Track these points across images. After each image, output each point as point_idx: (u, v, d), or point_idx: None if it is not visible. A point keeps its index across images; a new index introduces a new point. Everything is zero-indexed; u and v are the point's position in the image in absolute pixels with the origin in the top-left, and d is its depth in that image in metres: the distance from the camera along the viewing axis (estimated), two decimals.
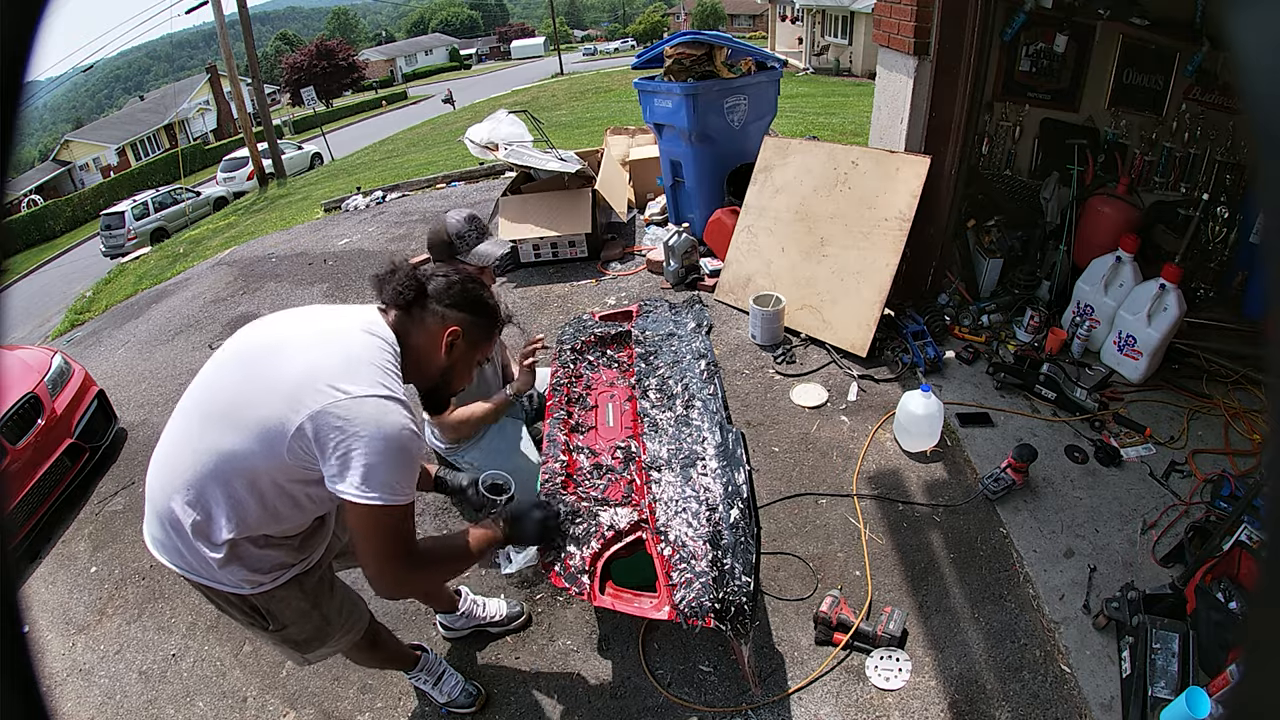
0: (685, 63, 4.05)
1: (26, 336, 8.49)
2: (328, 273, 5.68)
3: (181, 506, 1.23)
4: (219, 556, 1.26)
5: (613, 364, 2.41)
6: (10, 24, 0.36)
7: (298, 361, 1.20)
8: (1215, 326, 2.93)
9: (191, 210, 15.68)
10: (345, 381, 1.15)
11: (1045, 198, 3.39)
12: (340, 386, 1.14)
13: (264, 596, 1.36)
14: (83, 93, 72.61)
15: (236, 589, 1.32)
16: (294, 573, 1.40)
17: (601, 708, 1.95)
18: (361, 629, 1.64)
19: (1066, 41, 3.21)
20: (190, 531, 1.24)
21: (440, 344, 1.37)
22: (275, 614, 1.41)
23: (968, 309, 3.38)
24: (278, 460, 1.18)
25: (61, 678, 2.43)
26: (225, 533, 1.23)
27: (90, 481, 3.56)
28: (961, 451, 2.68)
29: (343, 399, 1.14)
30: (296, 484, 1.24)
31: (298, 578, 1.41)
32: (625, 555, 1.73)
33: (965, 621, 2.03)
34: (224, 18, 14.50)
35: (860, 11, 18.66)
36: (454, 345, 1.38)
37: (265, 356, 1.25)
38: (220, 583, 1.31)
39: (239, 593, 1.33)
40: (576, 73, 30.18)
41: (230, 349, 1.32)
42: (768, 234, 3.71)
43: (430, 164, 10.70)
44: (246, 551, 1.29)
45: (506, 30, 71.03)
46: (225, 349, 1.33)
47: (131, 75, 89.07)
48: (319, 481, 1.19)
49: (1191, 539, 2.06)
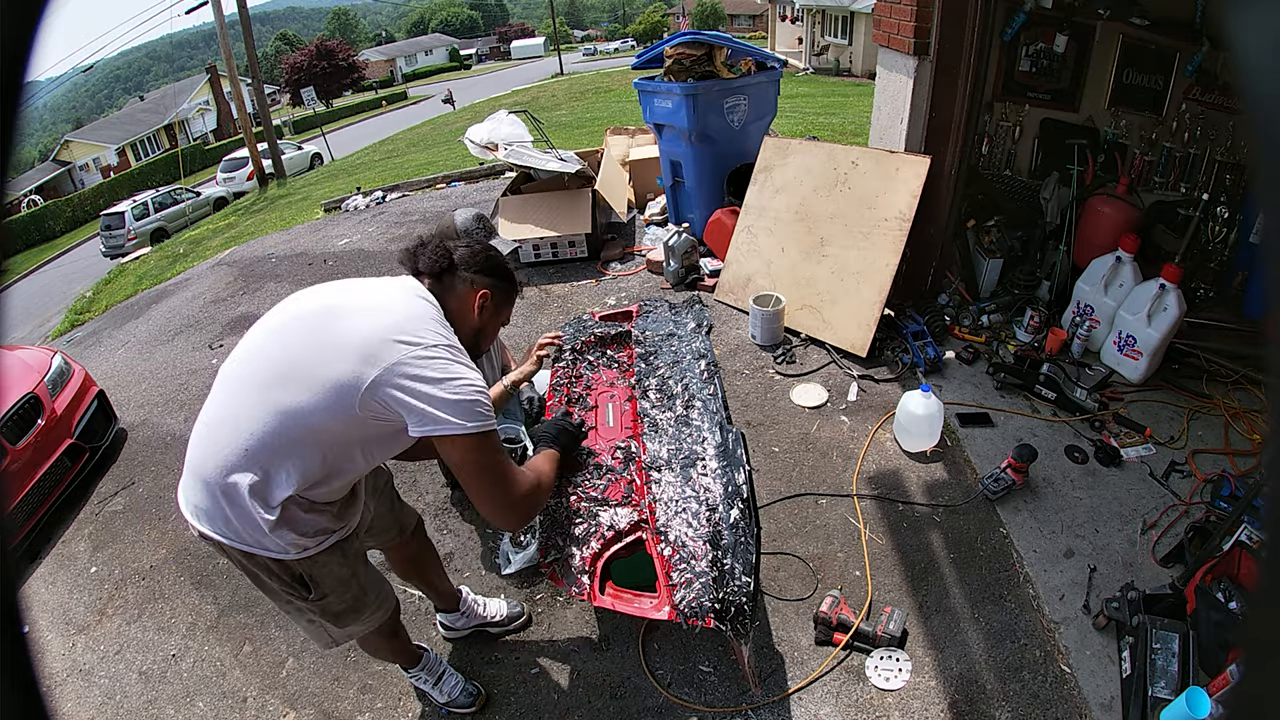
0: (685, 63, 4.05)
1: (26, 336, 8.50)
2: (328, 273, 5.68)
3: (239, 469, 1.27)
4: (272, 519, 1.29)
5: (613, 364, 2.41)
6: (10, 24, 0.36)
7: (361, 322, 1.28)
8: (1215, 326, 2.93)
9: (191, 210, 15.68)
10: (414, 336, 1.26)
11: (1045, 198, 3.39)
12: (410, 340, 1.25)
13: (308, 562, 1.40)
14: (83, 93, 72.64)
15: (283, 554, 1.36)
16: (336, 538, 1.45)
17: (601, 708, 1.94)
18: (389, 609, 1.69)
19: (1066, 41, 3.21)
20: (247, 493, 1.27)
21: (472, 306, 1.50)
22: (318, 580, 1.45)
23: (968, 309, 3.38)
24: (348, 414, 1.25)
25: (61, 678, 2.43)
26: (285, 489, 1.28)
27: (90, 482, 3.56)
28: (961, 451, 2.68)
29: (418, 352, 1.25)
30: (357, 439, 1.33)
31: (339, 544, 1.46)
32: (625, 555, 1.73)
33: (965, 622, 2.03)
34: (224, 18, 14.51)
35: (860, 11, 18.67)
36: (484, 307, 1.51)
37: (325, 320, 1.32)
38: (267, 549, 1.34)
39: (284, 558, 1.37)
40: (576, 73, 30.19)
41: (281, 317, 1.39)
42: (768, 234, 3.71)
43: (430, 164, 10.70)
44: (295, 515, 1.33)
45: (506, 30, 71.04)
46: (274, 318, 1.39)
47: (131, 75, 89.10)
48: (378, 438, 1.34)
49: (1191, 539, 2.06)
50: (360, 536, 1.61)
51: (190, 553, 2.90)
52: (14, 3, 0.37)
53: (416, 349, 1.25)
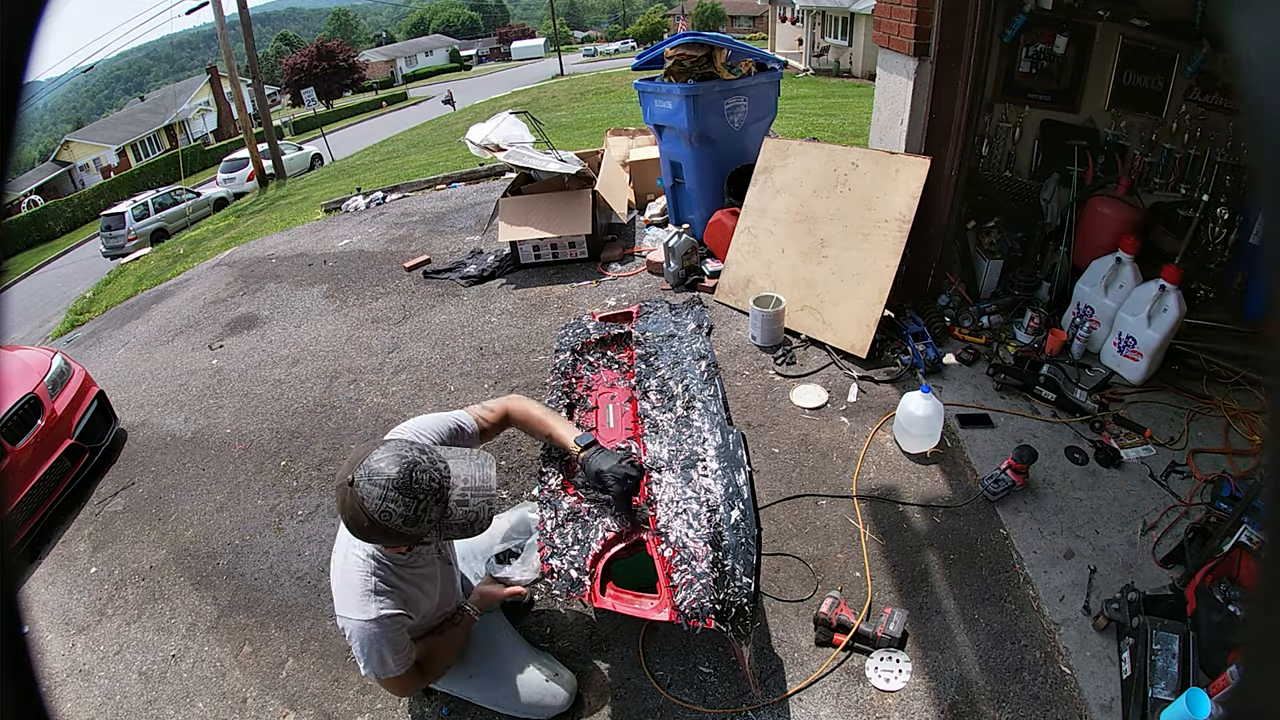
0: (685, 64, 4.06)
1: (26, 337, 8.50)
2: (328, 273, 5.68)
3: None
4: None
5: (613, 365, 2.41)
6: (10, 24, 0.36)
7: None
8: (1215, 327, 2.93)
9: (192, 211, 15.68)
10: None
11: (1045, 199, 3.39)
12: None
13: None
14: (83, 93, 72.63)
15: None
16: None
17: (601, 708, 1.94)
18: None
19: (1066, 42, 3.21)
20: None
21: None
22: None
23: (968, 310, 3.37)
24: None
25: (61, 678, 2.43)
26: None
27: (90, 482, 3.56)
28: (961, 453, 2.68)
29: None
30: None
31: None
32: (626, 556, 1.73)
33: (965, 623, 2.03)
34: (224, 18, 14.51)
35: (860, 13, 18.67)
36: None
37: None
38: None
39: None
40: (576, 74, 30.21)
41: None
42: (768, 235, 3.71)
43: (431, 165, 10.71)
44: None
45: (507, 31, 71.04)
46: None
47: (132, 76, 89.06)
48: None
49: (1192, 540, 2.06)
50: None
51: (190, 553, 2.90)
52: (14, 3, 0.37)
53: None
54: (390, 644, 1.51)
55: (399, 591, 1.53)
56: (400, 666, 1.56)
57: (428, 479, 1.36)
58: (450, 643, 1.77)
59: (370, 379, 3.88)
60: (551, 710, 1.84)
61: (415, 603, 1.58)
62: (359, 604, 1.49)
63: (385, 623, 1.49)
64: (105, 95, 76.99)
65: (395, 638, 1.52)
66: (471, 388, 3.60)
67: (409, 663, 1.58)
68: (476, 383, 3.63)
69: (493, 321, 4.24)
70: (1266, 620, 0.33)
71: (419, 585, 1.59)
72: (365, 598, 1.49)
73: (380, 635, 1.49)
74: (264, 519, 2.99)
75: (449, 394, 3.59)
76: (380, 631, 1.49)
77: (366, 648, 1.50)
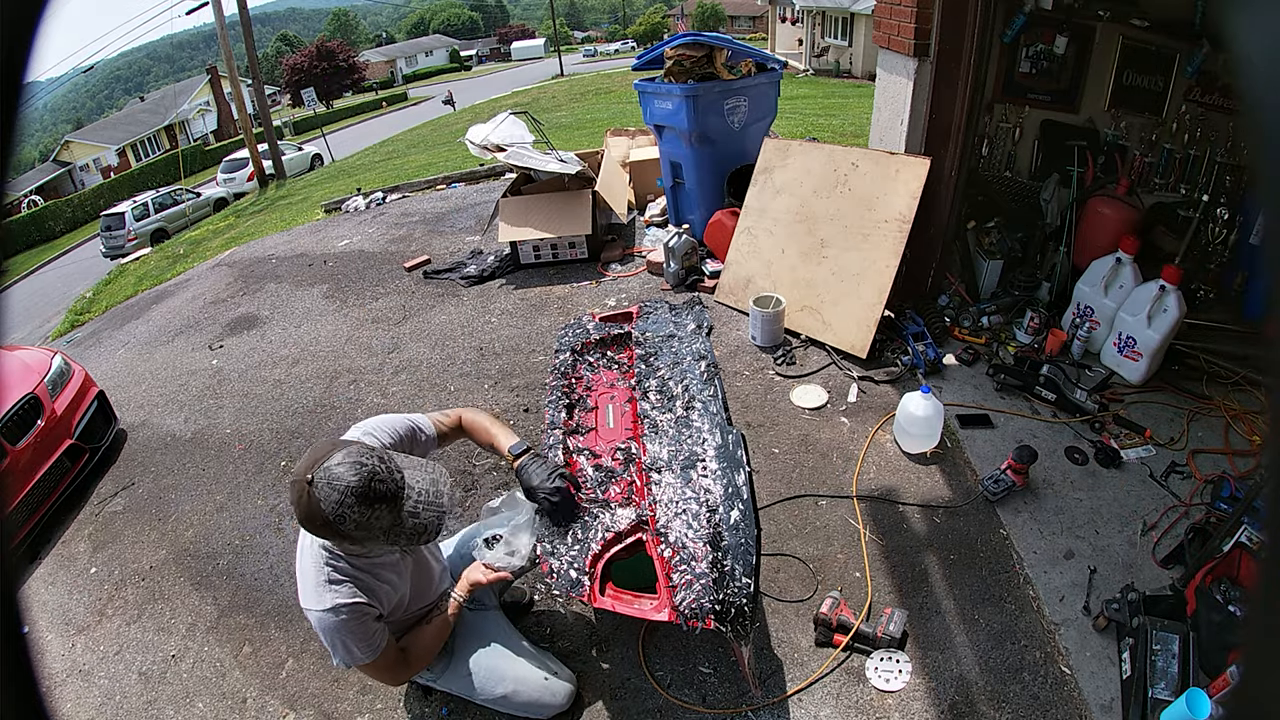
0: (685, 64, 4.06)
1: (26, 337, 8.50)
2: (328, 274, 5.68)
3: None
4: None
5: (613, 365, 2.41)
6: (10, 24, 0.36)
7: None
8: (1215, 328, 2.93)
9: (192, 211, 15.68)
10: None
11: (1045, 199, 3.39)
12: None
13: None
14: (83, 93, 72.64)
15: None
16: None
17: (601, 709, 1.94)
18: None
19: (1066, 43, 3.21)
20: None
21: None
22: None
23: (968, 310, 3.37)
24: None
25: (61, 678, 2.43)
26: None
27: (90, 482, 3.56)
28: (961, 453, 2.68)
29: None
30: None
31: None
32: (625, 557, 1.73)
33: (965, 623, 2.03)
34: (224, 18, 14.52)
35: (860, 13, 18.68)
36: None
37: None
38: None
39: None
40: (577, 74, 30.22)
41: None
42: (768, 235, 3.71)
43: (431, 165, 10.71)
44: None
45: (507, 31, 71.04)
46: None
47: (132, 76, 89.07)
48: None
49: (1192, 540, 2.06)
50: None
51: (190, 553, 2.90)
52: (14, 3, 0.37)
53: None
54: (352, 633, 1.51)
55: (356, 581, 1.52)
56: (368, 655, 1.55)
57: (384, 489, 1.39)
58: (436, 630, 1.76)
59: (370, 379, 3.88)
60: (551, 710, 1.84)
61: (376, 592, 1.56)
62: (315, 594, 1.50)
63: (343, 611, 1.49)
64: (105, 95, 77.00)
65: (356, 626, 1.51)
66: (471, 388, 3.60)
67: (378, 651, 1.56)
68: (476, 383, 3.63)
69: (493, 322, 4.24)
70: (1266, 620, 0.33)
71: (376, 574, 1.57)
72: (321, 588, 1.50)
73: (340, 625, 1.49)
74: (264, 519, 2.99)
75: (449, 394, 3.59)
76: (339, 621, 1.49)
77: (330, 637, 1.52)
